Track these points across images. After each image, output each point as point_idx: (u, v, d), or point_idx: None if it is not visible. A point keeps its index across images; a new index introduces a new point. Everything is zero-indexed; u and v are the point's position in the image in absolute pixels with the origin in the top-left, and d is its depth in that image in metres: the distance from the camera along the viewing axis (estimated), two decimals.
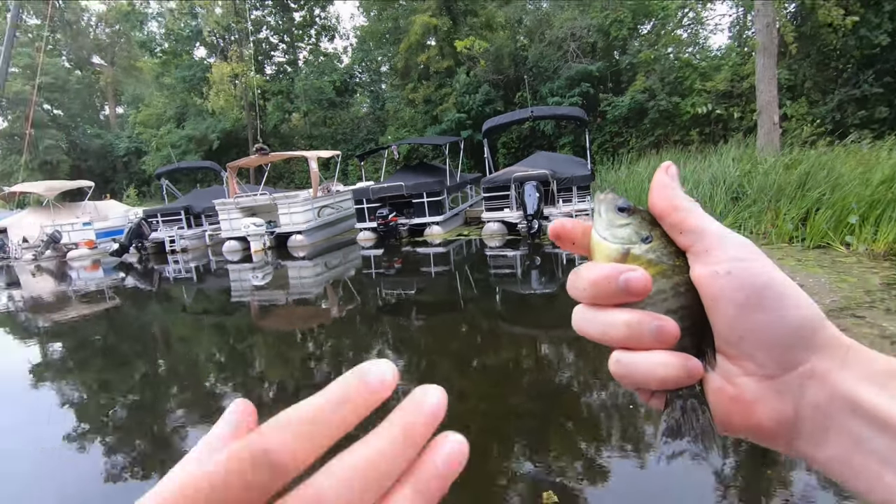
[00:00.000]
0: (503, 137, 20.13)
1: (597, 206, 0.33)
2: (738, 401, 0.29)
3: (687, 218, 0.30)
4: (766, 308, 0.27)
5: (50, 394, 4.94)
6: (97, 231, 15.93)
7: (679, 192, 0.31)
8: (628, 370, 0.30)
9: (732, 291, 0.28)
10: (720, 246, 0.29)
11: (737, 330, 0.28)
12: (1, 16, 27.51)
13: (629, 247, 0.31)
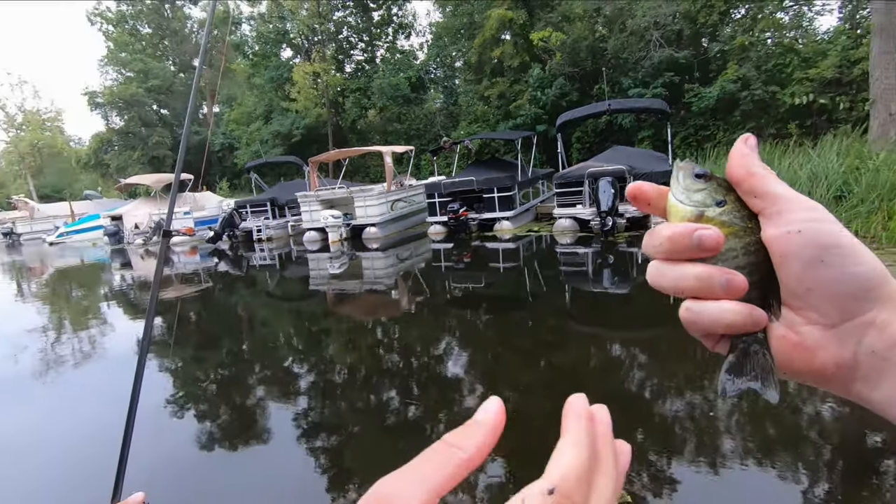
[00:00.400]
0: (578, 132, 19.56)
1: (675, 171, 0.35)
2: (801, 347, 0.32)
3: (762, 183, 0.32)
4: (834, 263, 0.30)
5: (151, 365, 5.55)
6: (195, 220, 17.53)
7: (756, 160, 0.33)
8: (698, 316, 0.32)
9: (802, 248, 0.30)
10: (792, 209, 0.31)
11: (804, 283, 0.30)
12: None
13: (703, 209, 0.33)
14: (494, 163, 14.93)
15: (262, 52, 29.97)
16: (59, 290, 11.47)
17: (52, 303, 9.85)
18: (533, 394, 3.85)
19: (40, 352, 6.16)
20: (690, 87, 16.98)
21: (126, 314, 8.16)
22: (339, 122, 29.15)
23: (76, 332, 7.20)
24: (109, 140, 35.80)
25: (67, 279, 12.99)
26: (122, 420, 0.85)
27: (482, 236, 11.89)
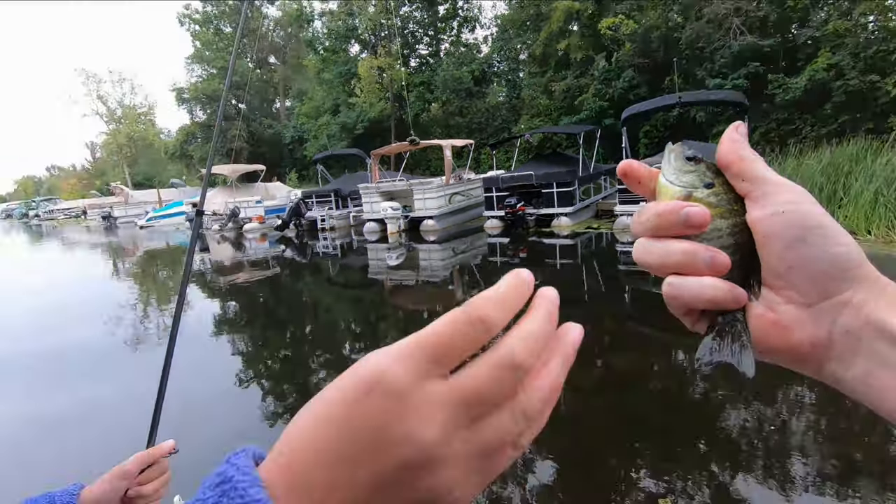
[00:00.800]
0: (646, 126, 18.72)
1: (666, 153, 0.37)
2: (778, 325, 0.33)
3: (750, 167, 0.34)
4: (814, 244, 0.31)
5: (224, 342, 6.01)
6: (266, 208, 18.57)
7: (746, 146, 0.35)
8: (679, 291, 0.34)
9: (785, 228, 0.32)
10: (778, 191, 0.33)
11: (786, 261, 0.32)
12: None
13: (692, 190, 0.35)
14: (555, 157, 14.65)
15: (331, 47, 31.06)
16: (147, 270, 12.63)
17: (140, 282, 10.87)
18: (586, 396, 3.81)
19: (130, 324, 6.85)
20: (775, 78, 15.73)
21: (202, 293, 8.84)
22: (401, 116, 29.68)
23: (159, 307, 7.92)
24: (193, 133, 38.59)
25: (154, 260, 14.25)
26: (183, 378, 0.97)
27: (539, 232, 11.74)
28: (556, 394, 0.24)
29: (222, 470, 0.22)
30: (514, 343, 0.23)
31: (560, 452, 2.99)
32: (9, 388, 4.82)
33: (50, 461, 3.28)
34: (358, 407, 0.21)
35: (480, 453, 0.22)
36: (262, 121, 38.61)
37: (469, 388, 0.22)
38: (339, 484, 0.21)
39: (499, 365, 0.22)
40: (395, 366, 0.21)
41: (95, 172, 60.30)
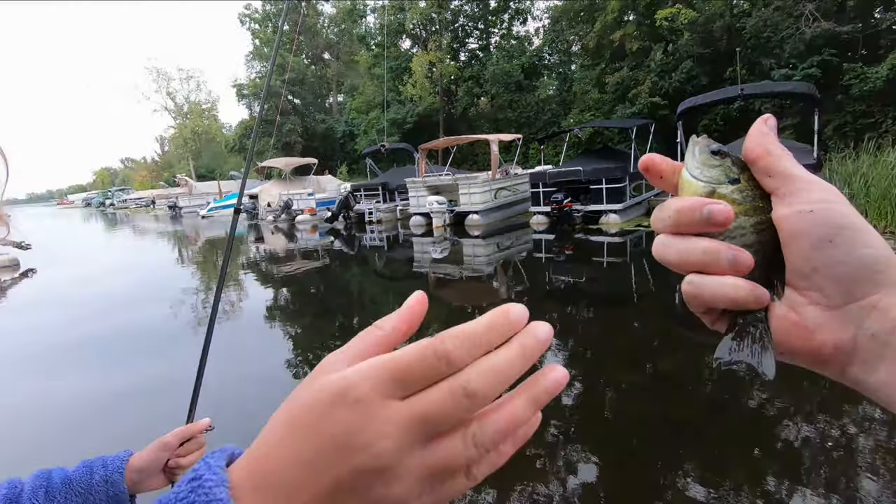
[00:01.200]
0: (705, 120, 17.85)
1: (690, 147, 0.36)
2: (801, 327, 0.32)
3: (778, 162, 0.33)
4: (842, 244, 0.30)
5: (274, 328, 6.31)
6: (317, 201, 19.20)
7: (774, 140, 0.33)
8: (700, 290, 0.33)
9: (812, 227, 0.31)
10: (807, 189, 0.32)
11: (811, 262, 0.31)
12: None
13: (716, 186, 0.34)
14: (605, 152, 14.26)
15: (383, 42, 31.55)
16: (206, 257, 13.40)
17: (201, 269, 11.56)
18: (632, 399, 3.74)
19: (191, 307, 7.32)
20: (851, 67, 14.57)
21: (257, 281, 9.29)
22: (450, 111, 29.75)
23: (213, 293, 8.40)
24: (251, 127, 40.37)
25: (214, 248, 15.09)
26: (229, 361, 1.06)
27: (586, 229, 11.49)
28: (514, 428, 0.25)
29: (197, 467, 0.24)
30: (471, 374, 0.24)
31: (602, 454, 2.97)
32: (75, 363, 5.29)
33: (103, 430, 3.59)
34: (325, 416, 0.23)
35: (432, 472, 0.24)
36: (315, 116, 39.78)
37: (424, 410, 0.23)
38: (302, 486, 0.23)
39: (452, 392, 0.23)
40: (362, 383, 0.23)
41: (164, 164, 64.39)
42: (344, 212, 16.71)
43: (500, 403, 0.25)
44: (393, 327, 0.28)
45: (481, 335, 0.25)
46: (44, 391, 4.49)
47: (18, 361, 5.41)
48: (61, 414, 4.00)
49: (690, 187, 0.34)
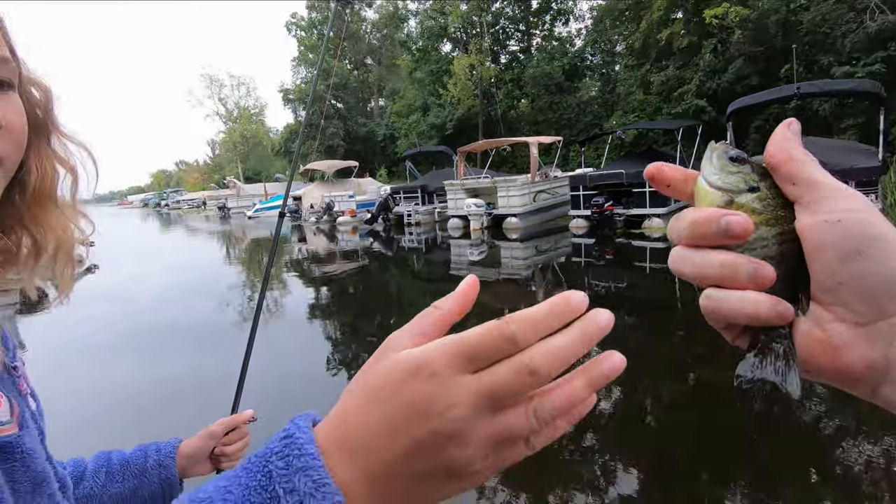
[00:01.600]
0: (757, 120, 17.04)
1: (708, 153, 0.34)
2: (827, 344, 0.30)
3: (801, 168, 0.31)
4: (871, 257, 0.28)
5: (314, 326, 6.48)
6: (357, 203, 19.60)
7: (798, 145, 0.32)
8: (719, 305, 0.32)
9: (839, 239, 0.29)
10: (833, 197, 0.30)
11: (837, 276, 0.29)
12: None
13: (734, 195, 0.32)
14: (649, 155, 13.86)
15: (424, 46, 31.88)
16: (252, 256, 13.93)
17: (247, 267, 12.03)
18: (677, 410, 3.64)
19: (237, 305, 7.63)
20: None
21: (299, 280, 9.58)
22: (490, 113, 29.70)
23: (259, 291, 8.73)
24: (296, 131, 41.63)
25: (259, 248, 15.67)
26: (272, 356, 1.12)
27: (628, 233, 11.21)
28: (571, 407, 0.27)
29: (287, 427, 0.28)
30: (534, 353, 0.26)
31: (641, 464, 2.90)
32: (130, 354, 5.62)
33: (154, 418, 3.79)
34: (402, 387, 0.27)
35: (497, 439, 0.27)
36: (357, 119, 40.62)
37: (492, 384, 0.26)
38: (381, 447, 0.27)
39: (516, 369, 0.26)
40: (437, 359, 0.27)
41: (214, 167, 67.43)
42: (383, 214, 16.98)
43: (560, 383, 0.27)
44: (449, 308, 0.30)
45: (543, 319, 0.27)
46: (101, 379, 4.81)
47: (81, 351, 5.81)
48: (117, 401, 4.27)
49: (707, 196, 0.33)
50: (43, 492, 0.46)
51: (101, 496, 0.67)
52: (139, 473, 0.71)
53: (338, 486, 0.26)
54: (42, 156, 0.51)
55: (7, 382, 0.48)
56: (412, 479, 0.27)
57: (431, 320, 0.30)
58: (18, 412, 0.46)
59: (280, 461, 0.26)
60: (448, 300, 0.31)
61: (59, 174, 0.53)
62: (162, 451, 0.75)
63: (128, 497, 0.69)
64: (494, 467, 0.27)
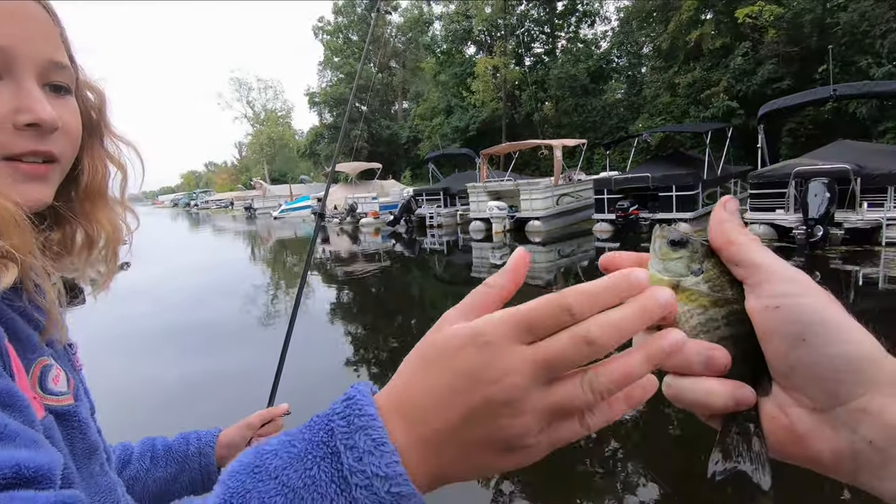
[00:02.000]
0: (790, 123, 16.57)
1: (652, 238, 0.34)
2: (792, 431, 0.29)
3: (740, 251, 0.31)
4: (813, 343, 0.28)
5: (336, 326, 6.56)
6: (380, 204, 19.76)
7: (736, 226, 0.32)
8: (678, 393, 0.31)
9: (781, 325, 0.28)
10: (771, 280, 0.29)
11: (787, 361, 0.29)
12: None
13: (679, 279, 0.32)
14: (676, 158, 13.62)
15: (448, 49, 32.00)
16: (277, 257, 14.19)
17: (272, 267, 12.26)
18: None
19: (262, 304, 7.79)
20: None
21: (322, 280, 9.72)
22: (513, 116, 29.59)
23: (286, 290, 8.89)
24: (321, 133, 42.26)
25: (284, 248, 15.95)
26: (299, 353, 1.16)
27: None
28: (628, 380, 0.27)
29: (348, 392, 0.29)
30: (591, 323, 0.26)
31: (666, 474, 2.85)
32: (169, 351, 5.78)
33: (194, 409, 3.90)
34: (457, 355, 0.27)
35: (551, 410, 0.27)
36: (380, 122, 41.01)
37: (548, 352, 0.26)
38: (436, 413, 0.27)
39: (573, 338, 0.26)
40: (492, 329, 0.27)
41: (241, 168, 68.96)
42: (406, 215, 17.07)
43: (617, 356, 0.27)
44: (501, 285, 0.30)
45: (600, 292, 0.27)
46: (140, 372, 4.97)
47: (118, 346, 6.01)
48: (154, 392, 4.41)
49: (656, 283, 0.31)
50: (96, 460, 0.49)
51: (145, 479, 0.71)
52: (181, 460, 0.74)
53: (394, 446, 0.26)
54: (95, 155, 0.55)
55: (64, 358, 0.51)
56: (466, 447, 0.27)
57: (483, 299, 0.30)
58: (74, 385, 0.49)
59: (342, 420, 0.27)
60: (499, 277, 0.31)
61: (109, 172, 0.57)
62: (202, 439, 0.78)
63: (170, 481, 0.73)
64: (549, 444, 0.27)
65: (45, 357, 0.46)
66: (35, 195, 0.45)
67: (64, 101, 0.48)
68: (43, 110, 0.44)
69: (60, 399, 0.45)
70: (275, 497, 0.26)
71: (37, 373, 0.44)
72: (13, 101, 0.43)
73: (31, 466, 0.31)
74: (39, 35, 0.45)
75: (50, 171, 0.47)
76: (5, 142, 0.43)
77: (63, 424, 0.45)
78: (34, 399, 0.41)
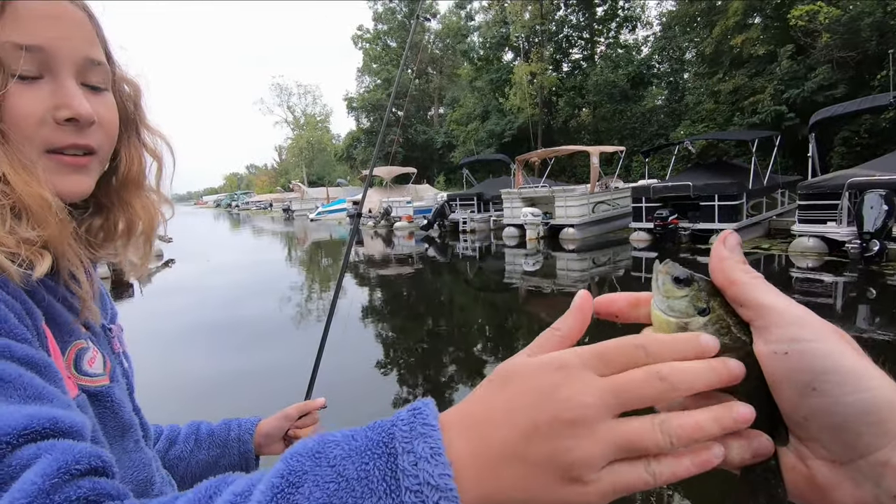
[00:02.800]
0: (844, 131, 15.74)
1: (654, 276, 0.32)
2: (813, 483, 0.27)
3: (744, 291, 0.29)
4: (826, 392, 0.25)
5: (369, 327, 6.63)
6: (414, 209, 19.93)
7: (737, 264, 0.30)
8: None
9: (791, 373, 0.27)
10: (779, 323, 0.27)
11: (800, 411, 0.27)
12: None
13: (687, 321, 0.30)
14: (719, 167, 13.14)
15: (485, 56, 32.05)
16: (313, 258, 14.50)
17: (307, 268, 12.54)
18: None
19: (297, 304, 7.97)
20: None
21: (355, 281, 9.87)
22: (549, 122, 29.32)
23: (321, 291, 9.07)
24: (358, 138, 43.11)
25: (319, 249, 16.29)
26: (335, 351, 1.18)
27: (694, 248, 10.65)
28: (698, 434, 0.26)
29: (415, 403, 0.30)
30: (664, 365, 0.26)
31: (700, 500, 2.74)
32: (211, 346, 5.98)
33: (237, 399, 4.01)
34: (532, 376, 0.27)
35: (618, 444, 0.25)
36: (416, 127, 41.42)
37: (621, 383, 0.26)
38: (500, 423, 0.27)
39: (647, 373, 0.26)
40: (570, 357, 0.27)
41: (281, 171, 70.98)
42: (439, 220, 17.15)
43: (688, 409, 0.27)
44: (569, 327, 0.30)
45: (674, 342, 0.27)
46: (185, 364, 5.16)
47: (162, 338, 6.27)
48: (196, 382, 4.57)
49: (661, 323, 0.31)
50: (130, 437, 0.52)
51: (189, 460, 0.75)
52: (222, 444, 0.78)
53: (450, 459, 0.26)
54: (131, 146, 0.58)
55: (103, 341, 0.54)
56: (526, 468, 0.26)
57: (550, 341, 0.30)
58: (110, 367, 0.51)
59: (405, 426, 0.28)
60: (566, 320, 0.30)
61: (146, 162, 0.60)
62: (242, 426, 0.81)
63: (211, 465, 0.76)
64: (611, 485, 0.25)
65: (82, 340, 0.48)
66: (77, 186, 0.49)
67: (101, 96, 0.51)
68: (80, 106, 0.46)
69: (95, 380, 0.48)
70: (329, 483, 0.27)
71: (72, 355, 0.47)
72: (53, 98, 0.46)
73: (67, 422, 0.34)
74: (77, 34, 0.48)
75: (90, 162, 0.50)
76: (48, 136, 0.46)
77: (96, 404, 0.48)
78: (68, 378, 0.44)
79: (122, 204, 0.57)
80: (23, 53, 0.44)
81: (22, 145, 0.44)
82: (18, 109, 0.44)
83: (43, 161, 0.46)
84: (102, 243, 0.56)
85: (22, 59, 0.44)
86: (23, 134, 0.44)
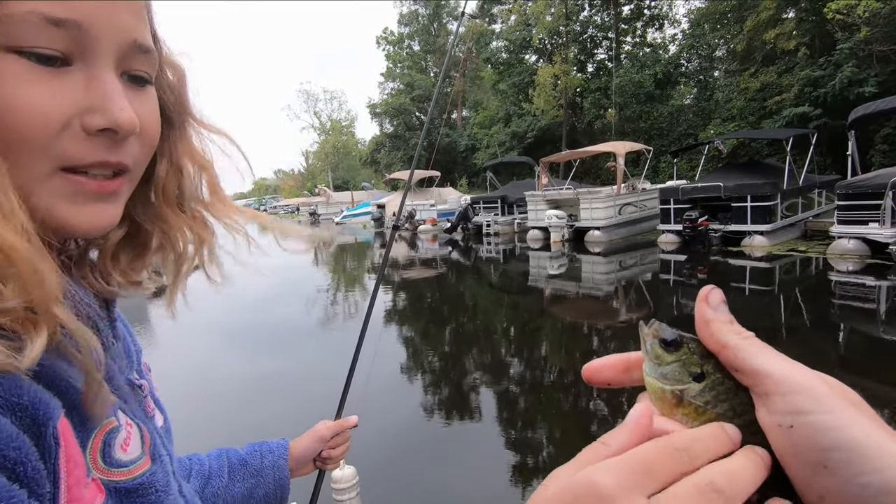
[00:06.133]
0: (885, 129, 15.06)
1: (641, 339, 0.29)
2: None
3: (736, 357, 0.26)
4: (837, 472, 0.22)
5: (391, 332, 6.65)
6: (438, 212, 19.97)
7: (725, 325, 0.27)
8: None
9: (799, 449, 0.24)
10: (781, 391, 0.24)
11: (814, 489, 0.24)
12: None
13: (682, 388, 0.27)
14: (752, 167, 12.74)
15: (508, 60, 31.94)
16: (339, 260, 14.67)
17: (333, 270, 12.68)
18: None
19: (322, 307, 8.06)
20: None
21: (382, 287, 9.93)
22: (574, 123, 28.99)
23: (346, 293, 9.15)
24: (382, 142, 43.50)
25: (345, 252, 16.47)
26: (362, 362, 1.15)
27: (725, 251, 10.34)
28: None
29: None
30: (712, 472, 0.23)
31: None
32: (236, 356, 6.10)
33: (257, 417, 4.07)
34: None
35: None
36: (439, 130, 41.53)
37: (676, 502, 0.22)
38: None
39: (698, 487, 0.22)
40: (608, 478, 0.22)
41: (307, 175, 72.16)
42: (463, 223, 17.13)
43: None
44: (621, 445, 0.24)
45: (707, 437, 0.24)
46: (215, 368, 5.28)
47: (189, 343, 6.43)
48: (229, 386, 4.67)
49: (655, 392, 0.28)
50: None
51: (225, 496, 0.68)
52: (256, 473, 0.72)
53: None
54: (172, 150, 0.45)
55: (135, 406, 0.41)
56: None
57: (596, 458, 0.25)
58: (150, 441, 0.40)
59: None
60: (618, 436, 0.25)
61: (193, 169, 0.47)
62: (275, 452, 0.75)
63: (247, 497, 0.70)
64: None
65: (112, 419, 0.36)
66: (97, 218, 0.35)
67: (144, 93, 0.38)
68: (121, 111, 0.33)
69: (132, 470, 0.37)
70: None
71: (97, 444, 0.35)
72: (84, 97, 0.33)
73: None
74: (125, 8, 0.35)
75: (121, 186, 0.36)
76: (67, 149, 0.32)
77: (132, 499, 0.37)
78: (91, 483, 0.32)
79: (158, 220, 0.44)
80: (51, 30, 0.30)
81: (24, 160, 0.31)
82: (30, 106, 0.30)
83: (54, 182, 0.32)
84: (141, 260, 0.44)
85: (47, 37, 0.31)
86: (30, 143, 0.31)
